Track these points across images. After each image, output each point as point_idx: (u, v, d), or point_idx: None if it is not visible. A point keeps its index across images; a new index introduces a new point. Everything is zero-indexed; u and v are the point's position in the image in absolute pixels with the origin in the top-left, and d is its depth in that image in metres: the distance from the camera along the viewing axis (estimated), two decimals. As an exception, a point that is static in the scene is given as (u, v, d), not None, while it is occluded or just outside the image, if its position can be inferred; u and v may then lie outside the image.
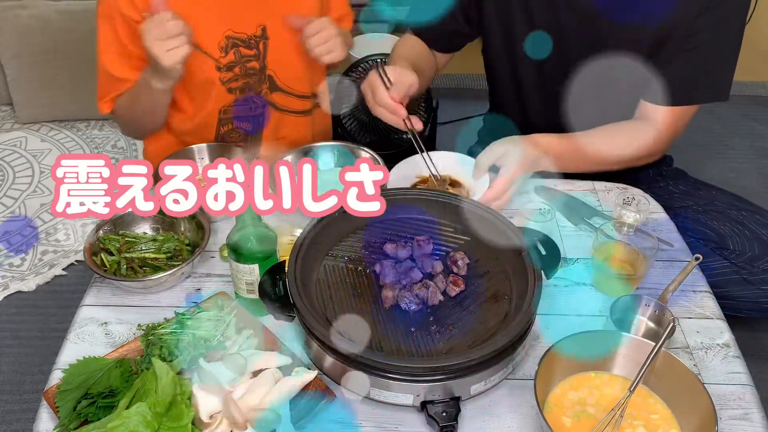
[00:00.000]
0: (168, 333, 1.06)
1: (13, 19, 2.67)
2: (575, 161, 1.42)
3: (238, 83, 1.47)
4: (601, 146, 1.43)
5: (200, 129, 1.53)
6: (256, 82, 1.48)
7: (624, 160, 1.47)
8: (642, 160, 1.51)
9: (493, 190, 1.28)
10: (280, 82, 1.50)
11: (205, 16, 1.38)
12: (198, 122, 1.51)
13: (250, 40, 1.43)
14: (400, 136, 2.56)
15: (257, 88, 1.49)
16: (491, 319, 1.06)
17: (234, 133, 1.54)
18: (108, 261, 1.21)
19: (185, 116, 1.52)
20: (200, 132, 1.53)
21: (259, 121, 1.54)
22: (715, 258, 1.52)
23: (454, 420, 0.94)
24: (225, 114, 1.50)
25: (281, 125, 1.58)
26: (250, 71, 1.46)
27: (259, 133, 1.57)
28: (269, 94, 1.51)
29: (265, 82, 1.49)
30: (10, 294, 2.11)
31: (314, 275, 1.12)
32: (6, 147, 2.75)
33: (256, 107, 1.51)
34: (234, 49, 1.42)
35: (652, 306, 1.13)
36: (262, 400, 0.95)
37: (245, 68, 1.45)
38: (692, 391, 0.94)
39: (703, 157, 2.74)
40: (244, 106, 1.50)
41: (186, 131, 1.54)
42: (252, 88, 1.48)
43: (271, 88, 1.50)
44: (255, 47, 1.44)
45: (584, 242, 1.31)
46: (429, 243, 1.16)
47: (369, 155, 1.46)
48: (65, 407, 0.96)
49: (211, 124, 1.52)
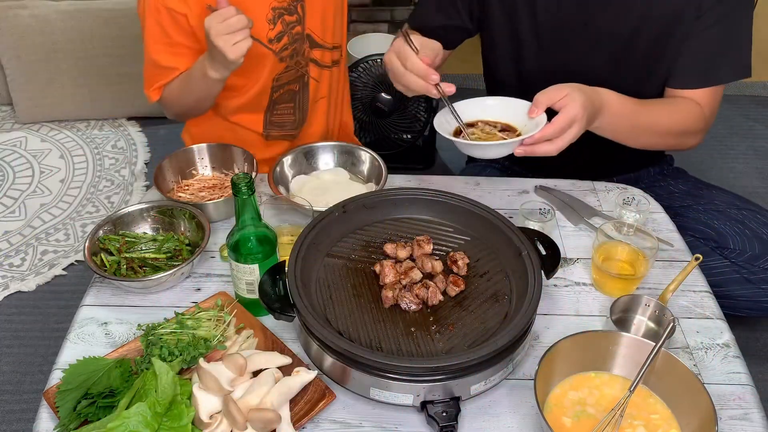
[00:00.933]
0: (168, 333, 1.06)
1: (13, 19, 2.67)
2: (628, 126, 1.37)
3: (288, 51, 1.50)
4: (658, 115, 1.39)
5: (254, 101, 1.56)
6: (300, 45, 1.51)
7: (672, 133, 1.43)
8: (686, 138, 1.46)
9: (552, 127, 1.18)
10: (317, 38, 1.54)
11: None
12: (252, 95, 1.54)
13: (290, 6, 1.46)
14: (400, 136, 2.57)
15: (301, 50, 1.52)
16: (491, 319, 1.06)
17: (285, 96, 1.58)
18: (108, 261, 1.21)
19: (236, 93, 1.55)
20: (253, 104, 1.56)
21: (305, 80, 1.58)
22: (715, 257, 1.52)
23: (454, 420, 0.95)
24: (277, 81, 1.54)
25: (322, 81, 1.62)
26: (296, 36, 1.49)
27: (305, 91, 1.60)
28: (310, 52, 1.55)
29: (306, 42, 1.52)
30: (10, 294, 2.11)
31: (314, 275, 1.12)
32: (6, 147, 2.75)
33: (301, 67, 1.55)
34: (280, 19, 1.45)
35: (652, 306, 1.13)
36: (262, 400, 0.95)
37: (292, 35, 1.49)
38: (692, 391, 0.94)
39: (703, 157, 2.74)
40: (292, 70, 1.54)
41: (238, 107, 1.57)
42: (298, 51, 1.51)
43: (311, 45, 1.54)
44: (295, 12, 1.47)
45: (584, 242, 1.31)
46: (429, 243, 1.16)
47: (369, 155, 1.46)
48: (65, 407, 0.96)
49: (264, 93, 1.55)
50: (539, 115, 1.22)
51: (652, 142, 1.44)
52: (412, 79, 1.27)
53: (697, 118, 1.43)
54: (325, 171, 1.47)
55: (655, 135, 1.42)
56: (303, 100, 1.61)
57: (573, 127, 1.19)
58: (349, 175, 1.47)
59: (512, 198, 1.42)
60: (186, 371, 1.03)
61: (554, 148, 1.19)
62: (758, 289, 1.51)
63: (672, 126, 1.42)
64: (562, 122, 1.18)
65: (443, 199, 1.22)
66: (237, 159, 1.46)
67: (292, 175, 1.44)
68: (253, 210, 1.06)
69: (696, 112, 1.42)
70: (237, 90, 1.54)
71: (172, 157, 1.44)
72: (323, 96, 1.65)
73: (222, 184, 1.44)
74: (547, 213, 1.33)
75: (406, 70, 1.27)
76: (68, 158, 2.71)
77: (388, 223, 1.23)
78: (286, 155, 1.44)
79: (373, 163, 1.45)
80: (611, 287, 1.19)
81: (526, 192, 1.44)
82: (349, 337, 1.02)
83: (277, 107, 1.60)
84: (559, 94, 1.21)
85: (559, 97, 1.21)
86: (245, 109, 1.57)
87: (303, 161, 1.47)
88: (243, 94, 1.54)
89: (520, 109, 1.28)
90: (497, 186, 1.47)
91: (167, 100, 1.51)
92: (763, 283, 1.50)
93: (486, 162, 1.77)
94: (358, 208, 1.21)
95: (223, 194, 1.39)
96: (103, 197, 2.52)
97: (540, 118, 1.22)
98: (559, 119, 1.18)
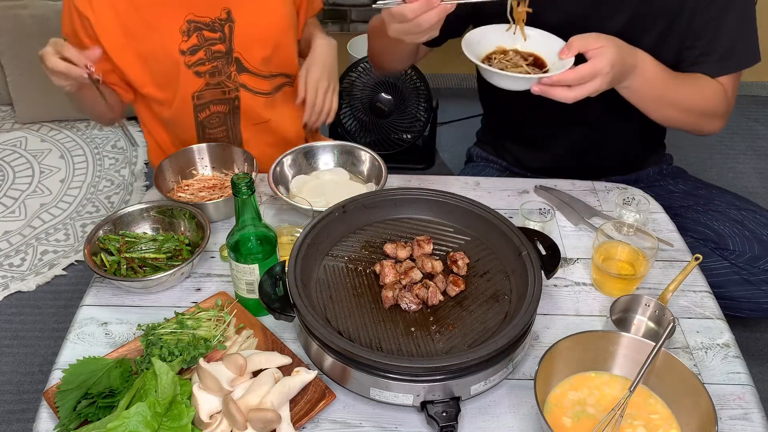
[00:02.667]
0: (168, 333, 1.06)
1: (13, 19, 2.67)
2: (656, 95, 1.35)
3: (205, 67, 1.48)
4: (687, 91, 1.38)
5: (179, 117, 1.54)
6: (223, 64, 1.50)
7: (696, 111, 1.41)
8: (708, 119, 1.44)
9: (573, 73, 1.16)
10: (247, 64, 1.52)
11: (165, 1, 1.41)
12: (175, 110, 1.53)
13: (213, 24, 1.45)
14: (400, 136, 2.57)
15: (225, 71, 1.50)
16: (491, 319, 1.06)
17: (213, 118, 1.56)
18: (108, 261, 1.21)
19: (162, 107, 1.54)
20: (180, 120, 1.55)
21: (235, 104, 1.56)
22: (715, 258, 1.52)
23: (454, 420, 0.95)
24: (199, 99, 1.52)
25: (258, 108, 1.59)
26: (216, 54, 1.47)
27: (236, 115, 1.58)
28: (238, 76, 1.52)
29: (233, 64, 1.50)
30: (10, 294, 2.11)
31: (314, 275, 1.12)
32: (6, 147, 2.75)
33: (230, 90, 1.53)
34: (197, 33, 1.43)
35: (652, 306, 1.13)
36: (262, 400, 0.95)
37: (210, 51, 1.47)
38: (692, 391, 0.94)
39: (703, 157, 2.74)
40: (216, 89, 1.52)
41: (168, 120, 1.56)
42: (220, 71, 1.50)
43: (239, 69, 1.52)
44: (220, 30, 1.46)
45: (584, 242, 1.31)
46: (429, 243, 1.16)
47: (369, 155, 1.46)
48: (65, 407, 0.96)
49: (187, 110, 1.53)
50: (569, 58, 1.19)
51: (673, 117, 1.42)
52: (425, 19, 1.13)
53: (722, 101, 1.41)
54: (325, 171, 1.47)
55: (679, 110, 1.39)
56: (234, 123, 1.59)
57: (595, 80, 1.17)
58: (349, 175, 1.47)
59: (512, 198, 1.42)
60: (186, 371, 1.03)
61: (571, 95, 1.17)
62: (759, 291, 1.51)
63: (697, 104, 1.40)
64: (585, 72, 1.16)
65: (443, 199, 1.22)
66: (237, 159, 1.46)
67: (292, 175, 1.44)
68: (253, 210, 1.06)
69: (721, 94, 1.41)
70: (160, 102, 1.53)
71: (172, 157, 1.44)
72: (265, 120, 1.61)
73: (222, 184, 1.44)
74: (547, 213, 1.33)
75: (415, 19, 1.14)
76: (68, 158, 2.71)
77: (388, 223, 1.23)
78: (286, 155, 1.44)
79: (373, 163, 1.45)
80: (611, 287, 1.19)
81: (526, 192, 1.44)
82: (349, 337, 1.02)
83: (208, 131, 1.58)
84: (595, 43, 1.19)
85: (594, 46, 1.18)
86: (175, 123, 1.56)
87: (303, 161, 1.47)
88: (167, 108, 1.53)
89: (555, 47, 1.25)
90: (497, 186, 1.47)
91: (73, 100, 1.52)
92: (763, 284, 1.50)
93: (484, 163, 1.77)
94: (358, 208, 1.21)
95: (223, 194, 1.39)
96: (103, 197, 2.52)
97: (568, 61, 1.19)
98: (582, 67, 1.16)
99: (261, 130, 1.61)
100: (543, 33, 1.28)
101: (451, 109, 3.00)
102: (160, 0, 1.40)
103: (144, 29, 1.41)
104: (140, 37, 1.41)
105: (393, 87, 2.47)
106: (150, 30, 1.41)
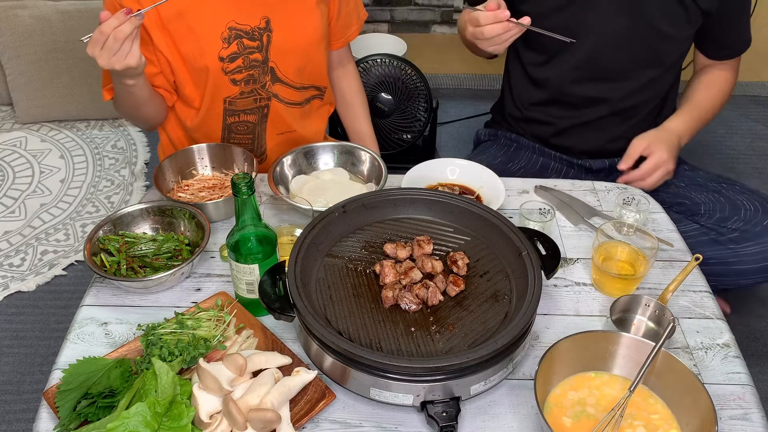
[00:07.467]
0: (168, 333, 1.06)
1: (13, 19, 2.68)
2: (697, 128, 1.63)
3: (241, 74, 1.48)
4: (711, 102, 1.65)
5: (207, 121, 1.54)
6: (259, 73, 1.49)
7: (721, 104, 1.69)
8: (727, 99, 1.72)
9: (639, 171, 1.48)
10: (281, 74, 1.52)
11: (209, 7, 1.40)
12: (204, 114, 1.53)
13: (253, 32, 1.45)
14: (400, 136, 2.57)
15: (260, 80, 1.50)
16: (491, 319, 1.06)
17: (241, 125, 1.56)
18: (108, 261, 1.21)
19: (193, 111, 1.53)
20: (208, 124, 1.55)
21: (264, 112, 1.56)
22: (685, 222, 1.56)
23: (454, 420, 0.95)
24: (230, 105, 1.52)
25: (288, 118, 1.59)
26: (253, 63, 1.47)
27: (263, 124, 1.57)
28: (271, 85, 1.52)
29: (268, 74, 1.50)
30: (10, 294, 2.11)
31: (314, 275, 1.12)
32: (6, 147, 2.75)
33: (261, 99, 1.53)
34: (237, 40, 1.43)
35: (652, 306, 1.13)
36: (262, 400, 0.95)
37: (248, 60, 1.46)
38: (692, 391, 0.94)
39: (703, 157, 2.74)
40: (249, 98, 1.52)
41: (194, 127, 1.56)
42: (256, 79, 1.50)
43: (273, 79, 1.51)
44: (258, 39, 1.45)
45: (584, 242, 1.31)
46: (429, 243, 1.16)
47: (369, 155, 1.46)
48: (65, 407, 0.96)
49: (217, 115, 1.53)
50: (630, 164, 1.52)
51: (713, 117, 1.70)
52: (489, 29, 1.38)
53: (731, 86, 1.70)
54: (325, 171, 1.47)
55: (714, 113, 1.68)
56: (260, 132, 1.60)
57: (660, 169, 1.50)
58: (349, 175, 1.47)
59: (512, 198, 1.42)
60: (186, 371, 1.03)
61: (646, 183, 1.49)
62: (726, 249, 1.52)
63: (721, 101, 1.68)
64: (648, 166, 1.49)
65: (443, 199, 1.22)
66: (237, 159, 1.46)
67: (292, 175, 1.44)
68: (253, 210, 1.06)
69: (730, 81, 1.69)
70: (192, 105, 1.52)
71: (172, 157, 1.44)
72: (291, 130, 1.62)
73: (222, 184, 1.44)
74: (547, 213, 1.33)
75: (482, 26, 1.38)
76: (68, 158, 2.71)
77: (388, 223, 1.23)
78: (286, 155, 1.44)
79: (373, 163, 1.45)
80: (611, 287, 1.19)
81: (526, 192, 1.45)
82: (349, 337, 1.02)
83: (234, 136, 1.58)
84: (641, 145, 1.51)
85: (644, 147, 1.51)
86: (202, 127, 1.55)
87: (303, 161, 1.47)
88: (197, 112, 1.53)
89: (477, 173, 1.43)
90: (497, 186, 1.47)
91: (115, 101, 1.50)
92: (731, 243, 1.52)
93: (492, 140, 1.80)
94: (358, 208, 1.21)
95: (223, 194, 1.39)
96: (103, 197, 2.52)
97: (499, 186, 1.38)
98: (645, 165, 1.49)
99: (285, 140, 1.62)
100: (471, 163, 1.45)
101: (451, 109, 3.00)
102: (206, 6, 1.40)
103: (186, 33, 1.40)
104: (181, 41, 1.41)
105: (393, 87, 2.47)
106: (192, 34, 1.40)
